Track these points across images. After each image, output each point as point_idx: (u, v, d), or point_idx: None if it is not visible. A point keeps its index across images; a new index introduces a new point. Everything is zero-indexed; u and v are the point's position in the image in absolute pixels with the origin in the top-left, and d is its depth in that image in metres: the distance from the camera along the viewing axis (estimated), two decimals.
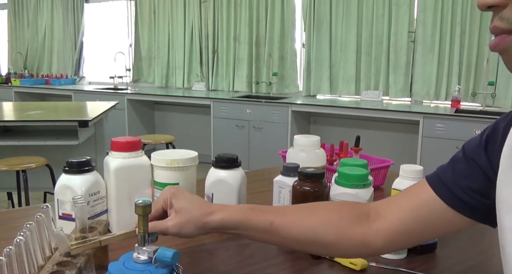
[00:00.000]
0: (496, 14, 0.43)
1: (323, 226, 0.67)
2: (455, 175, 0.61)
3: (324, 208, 0.72)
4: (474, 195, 0.59)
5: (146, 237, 0.61)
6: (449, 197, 0.61)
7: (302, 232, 0.67)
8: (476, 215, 0.60)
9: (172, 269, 0.61)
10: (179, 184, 0.89)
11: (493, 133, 0.58)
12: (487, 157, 0.58)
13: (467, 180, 0.60)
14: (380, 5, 3.95)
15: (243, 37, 4.70)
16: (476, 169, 0.59)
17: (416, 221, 0.63)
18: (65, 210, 0.83)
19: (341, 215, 0.69)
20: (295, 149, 1.08)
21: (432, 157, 3.33)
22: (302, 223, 0.67)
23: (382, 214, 0.67)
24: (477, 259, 0.83)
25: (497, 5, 0.42)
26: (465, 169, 0.60)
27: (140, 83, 5.61)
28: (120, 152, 0.87)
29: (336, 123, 4.30)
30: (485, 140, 0.59)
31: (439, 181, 0.63)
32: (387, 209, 0.67)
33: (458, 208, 0.61)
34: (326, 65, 4.31)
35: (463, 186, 0.60)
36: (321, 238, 0.66)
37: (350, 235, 0.66)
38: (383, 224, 0.66)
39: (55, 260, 0.60)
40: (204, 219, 0.67)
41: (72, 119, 2.80)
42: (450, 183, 0.61)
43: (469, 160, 0.60)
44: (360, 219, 0.67)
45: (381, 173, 1.26)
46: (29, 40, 6.34)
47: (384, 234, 0.65)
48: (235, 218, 0.67)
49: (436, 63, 3.77)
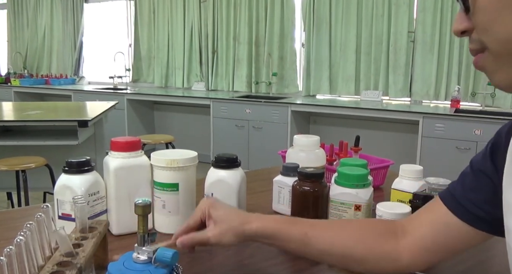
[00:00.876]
0: (470, 38, 0.49)
1: (353, 242, 0.69)
2: (465, 189, 0.63)
3: (354, 224, 0.75)
4: (484, 207, 0.61)
5: (146, 237, 0.61)
6: (460, 211, 0.63)
7: (335, 245, 0.69)
8: (489, 228, 0.62)
9: (172, 269, 0.61)
10: (178, 184, 0.89)
11: (496, 141, 0.60)
12: (493, 164, 0.60)
13: (477, 192, 0.62)
14: (379, 5, 3.95)
15: (242, 37, 4.70)
16: (484, 179, 0.61)
17: (436, 236, 0.65)
18: (65, 210, 0.83)
19: (371, 232, 0.71)
20: (294, 149, 1.08)
21: (432, 157, 3.33)
22: (334, 236, 0.70)
23: (408, 230, 0.69)
24: (477, 259, 0.83)
25: (467, 30, 0.48)
26: (474, 182, 0.62)
27: (140, 83, 5.60)
28: (119, 152, 0.87)
29: (336, 123, 4.30)
30: (490, 149, 0.61)
31: (450, 196, 0.65)
32: (411, 225, 0.69)
33: (471, 222, 0.62)
34: (326, 65, 4.31)
35: (473, 199, 0.62)
36: (351, 253, 0.69)
37: (378, 251, 0.68)
38: (408, 240, 0.68)
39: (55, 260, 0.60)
40: (242, 227, 0.69)
41: (71, 119, 2.80)
42: (460, 197, 0.63)
43: (477, 172, 0.62)
44: (389, 236, 0.69)
45: (380, 173, 1.26)
46: (28, 40, 6.34)
47: (410, 250, 0.67)
48: (270, 227, 0.69)
49: (436, 63, 3.78)
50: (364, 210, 0.86)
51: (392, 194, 0.96)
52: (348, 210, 0.86)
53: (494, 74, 0.47)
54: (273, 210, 1.07)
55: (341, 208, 0.87)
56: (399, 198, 0.94)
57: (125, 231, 0.89)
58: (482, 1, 0.45)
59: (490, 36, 0.45)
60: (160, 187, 0.89)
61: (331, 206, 0.88)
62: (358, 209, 0.85)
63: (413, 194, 0.88)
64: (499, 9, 0.44)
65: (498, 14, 0.44)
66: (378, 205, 0.84)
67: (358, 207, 0.85)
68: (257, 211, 1.04)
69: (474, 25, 0.47)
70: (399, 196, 0.94)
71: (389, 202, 0.90)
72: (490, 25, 0.45)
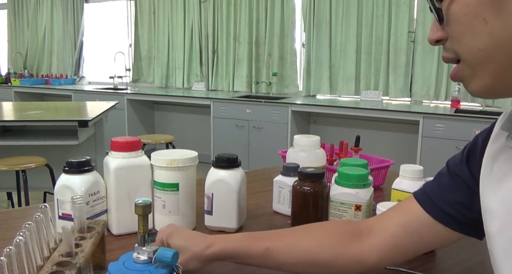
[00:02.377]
0: (444, 46, 0.51)
1: (318, 247, 0.69)
2: (440, 189, 0.64)
3: (319, 229, 0.74)
4: (459, 208, 0.61)
5: (146, 237, 0.61)
6: (435, 210, 0.63)
7: (298, 255, 0.69)
8: (462, 228, 0.62)
9: (172, 269, 0.61)
10: (178, 184, 0.89)
11: (473, 148, 0.61)
12: (469, 171, 0.60)
13: (452, 193, 0.62)
14: (380, 5, 3.95)
15: (242, 37, 4.70)
16: (460, 182, 0.62)
17: (407, 235, 0.65)
18: (65, 210, 0.83)
19: (335, 235, 0.71)
20: (295, 148, 1.08)
21: (432, 157, 3.33)
22: (298, 246, 0.69)
23: (374, 230, 0.69)
24: (477, 259, 0.83)
25: (441, 39, 0.50)
26: (450, 183, 0.63)
27: (140, 83, 5.61)
28: (120, 152, 0.87)
29: (336, 123, 4.30)
30: (466, 154, 0.62)
31: (425, 196, 0.65)
32: (379, 225, 0.69)
33: (445, 221, 0.63)
34: (326, 65, 4.31)
35: (448, 199, 0.62)
36: (317, 259, 0.68)
37: (345, 254, 0.68)
38: (376, 240, 0.68)
39: (55, 260, 0.59)
40: (204, 252, 0.69)
41: (72, 119, 2.80)
42: (435, 197, 0.64)
43: (453, 174, 0.63)
44: (354, 237, 0.69)
45: (381, 173, 1.26)
46: (29, 40, 6.34)
47: (377, 250, 0.67)
48: (232, 248, 0.69)
49: (436, 63, 3.77)
50: (364, 210, 0.86)
51: (392, 194, 0.96)
52: (348, 210, 0.86)
53: (469, 83, 0.49)
54: (273, 210, 1.07)
55: (341, 208, 0.87)
56: (400, 198, 0.94)
57: (125, 231, 0.89)
58: (454, 12, 0.46)
59: (463, 46, 0.47)
60: (160, 187, 0.89)
61: (331, 206, 0.88)
62: (358, 209, 0.85)
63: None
64: (471, 20, 0.45)
65: (469, 24, 0.45)
66: (378, 205, 0.84)
67: (358, 207, 0.85)
68: (257, 211, 1.05)
69: (448, 35, 0.49)
70: (399, 196, 0.94)
71: (389, 202, 0.89)
72: (463, 35, 0.46)
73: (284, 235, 0.73)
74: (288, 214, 0.97)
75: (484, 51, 0.45)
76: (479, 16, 0.44)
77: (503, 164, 0.52)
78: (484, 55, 0.45)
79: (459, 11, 0.46)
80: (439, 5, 0.48)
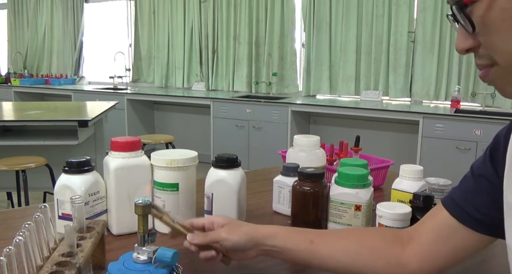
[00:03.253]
0: (476, 54, 0.50)
1: (360, 248, 0.70)
2: (466, 193, 0.64)
3: (360, 232, 0.75)
4: (486, 210, 0.61)
5: (146, 237, 0.61)
6: (462, 216, 0.63)
7: (341, 252, 0.69)
8: (491, 231, 0.62)
9: (172, 269, 0.61)
10: (179, 184, 0.89)
11: (495, 146, 0.61)
12: (493, 167, 0.60)
13: (477, 196, 0.62)
14: (380, 5, 3.95)
15: (242, 37, 4.70)
16: (485, 183, 0.61)
17: (440, 241, 0.66)
18: (65, 210, 0.83)
19: (377, 239, 0.72)
20: (295, 149, 1.08)
21: (432, 157, 3.32)
22: (341, 243, 0.70)
23: (413, 237, 0.69)
24: (477, 259, 0.83)
25: (472, 47, 0.49)
26: (474, 185, 0.63)
27: (140, 83, 5.60)
28: (120, 152, 0.87)
29: (336, 123, 4.30)
30: (489, 152, 0.62)
31: (451, 201, 0.65)
32: (416, 231, 0.70)
33: (472, 226, 0.63)
34: (326, 65, 4.31)
35: (473, 203, 0.62)
36: (357, 259, 0.69)
37: (385, 258, 0.68)
38: (414, 246, 0.68)
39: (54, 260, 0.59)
40: (254, 228, 0.71)
41: (71, 119, 2.80)
42: (461, 201, 0.64)
43: (477, 176, 0.63)
44: (395, 243, 0.70)
45: (381, 173, 1.26)
46: (28, 40, 6.33)
47: (416, 256, 0.67)
48: (280, 233, 0.71)
49: (436, 63, 3.77)
50: (364, 210, 0.86)
51: (392, 194, 0.96)
52: (348, 210, 0.86)
53: (505, 87, 0.49)
54: (273, 210, 1.07)
55: (341, 208, 0.87)
56: (399, 198, 0.94)
57: (125, 231, 0.89)
58: (491, 19, 0.46)
59: (502, 52, 0.46)
60: (160, 187, 0.89)
61: (331, 206, 0.88)
62: (358, 209, 0.85)
63: (413, 194, 0.88)
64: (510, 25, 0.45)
65: (508, 29, 0.45)
66: (378, 205, 0.84)
67: (358, 207, 0.85)
68: (257, 211, 1.05)
69: (482, 42, 0.48)
70: (399, 196, 0.94)
71: (389, 202, 0.89)
72: (501, 42, 0.46)
73: (327, 233, 0.75)
74: (288, 214, 0.97)
75: None
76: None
77: None
78: None
79: (495, 17, 0.45)
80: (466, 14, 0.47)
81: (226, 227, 0.71)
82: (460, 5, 0.47)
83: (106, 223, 0.77)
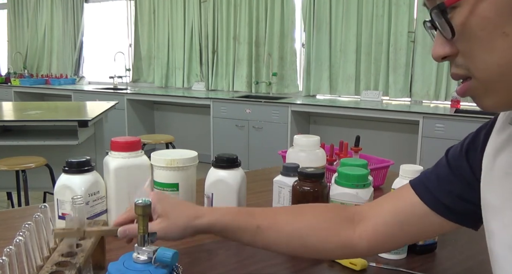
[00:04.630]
0: (452, 62, 0.48)
1: (309, 230, 0.68)
2: (439, 180, 0.63)
3: (310, 211, 0.73)
4: (456, 199, 0.61)
5: (146, 237, 0.61)
6: (432, 201, 0.63)
7: (287, 236, 0.68)
8: (459, 219, 0.62)
9: (172, 269, 0.61)
10: (179, 184, 0.89)
11: (473, 142, 0.60)
12: (468, 165, 0.60)
13: (450, 185, 0.62)
14: (380, 5, 3.95)
15: (242, 37, 4.70)
16: (458, 175, 0.61)
17: (400, 223, 0.65)
18: (65, 209, 0.83)
19: (326, 219, 0.70)
20: (295, 149, 1.08)
21: (432, 157, 3.32)
22: (288, 226, 0.69)
23: (365, 217, 0.68)
24: (477, 259, 0.83)
25: (449, 55, 0.47)
26: (448, 174, 0.62)
27: (140, 83, 5.60)
28: (119, 152, 0.87)
29: (336, 123, 4.30)
30: (465, 148, 0.61)
31: (422, 186, 0.64)
32: (371, 212, 0.69)
33: (441, 212, 0.62)
34: (326, 65, 4.31)
35: (446, 190, 0.62)
36: (306, 242, 0.68)
37: (334, 238, 0.68)
38: (367, 226, 0.67)
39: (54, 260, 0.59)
40: (191, 222, 0.67)
41: (71, 119, 2.80)
42: (433, 187, 0.63)
43: (452, 166, 0.62)
44: (345, 222, 0.69)
45: (381, 173, 1.26)
46: (28, 40, 6.33)
47: (368, 237, 0.67)
48: (223, 221, 0.68)
49: (436, 63, 3.77)
50: None
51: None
52: None
53: (482, 100, 0.48)
54: None
55: None
56: None
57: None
58: (470, 26, 0.44)
59: (479, 62, 0.45)
60: (160, 187, 0.89)
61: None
62: None
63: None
64: (490, 34, 0.42)
65: (488, 39, 0.43)
66: None
67: None
68: None
69: (461, 50, 0.46)
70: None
71: None
72: (479, 51, 0.44)
73: (276, 214, 0.72)
74: None
75: (504, 67, 0.43)
76: (498, 30, 0.42)
77: (507, 158, 0.51)
78: (503, 71, 0.43)
79: (475, 25, 0.43)
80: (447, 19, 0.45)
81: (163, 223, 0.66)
82: (441, 9, 0.46)
83: (106, 223, 0.77)
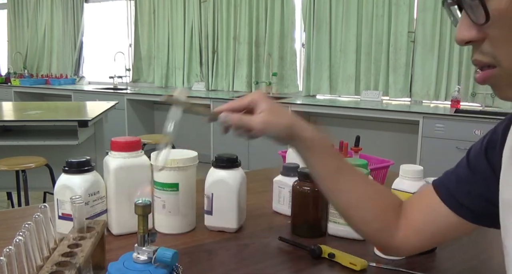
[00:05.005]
0: (476, 48, 0.46)
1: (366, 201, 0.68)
2: (458, 181, 0.63)
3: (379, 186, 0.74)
4: (476, 200, 0.60)
5: (146, 237, 0.61)
6: (451, 202, 0.63)
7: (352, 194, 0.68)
8: (479, 220, 0.62)
9: (172, 269, 0.61)
10: (178, 184, 0.89)
11: (492, 138, 0.59)
12: (488, 162, 0.59)
13: (470, 185, 0.61)
14: (380, 5, 3.95)
15: (242, 37, 4.70)
16: (478, 175, 0.60)
17: (426, 221, 0.65)
18: (65, 209, 0.83)
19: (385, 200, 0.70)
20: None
21: (432, 157, 3.32)
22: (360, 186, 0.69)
23: (403, 212, 0.69)
24: (477, 259, 0.83)
25: (475, 40, 0.44)
26: (468, 175, 0.62)
27: (140, 83, 5.60)
28: (120, 152, 0.87)
29: (336, 123, 4.29)
30: (485, 145, 0.60)
31: (443, 186, 0.65)
32: (405, 208, 0.69)
33: (461, 213, 0.62)
34: (326, 65, 4.31)
35: (465, 191, 0.61)
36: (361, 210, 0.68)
37: (383, 220, 0.68)
38: (403, 221, 0.68)
39: (54, 260, 0.59)
40: (295, 126, 0.65)
41: (71, 119, 2.80)
42: (453, 188, 0.63)
43: (472, 166, 0.62)
44: (395, 211, 0.69)
45: (381, 173, 1.26)
46: (28, 40, 6.33)
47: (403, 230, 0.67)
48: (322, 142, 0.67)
49: (436, 63, 3.77)
50: None
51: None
52: None
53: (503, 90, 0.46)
54: (273, 210, 1.07)
55: None
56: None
57: (125, 231, 0.89)
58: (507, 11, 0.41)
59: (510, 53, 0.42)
60: (160, 187, 0.89)
61: (331, 206, 0.88)
62: None
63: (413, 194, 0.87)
64: None
65: None
66: None
67: None
68: (257, 211, 1.05)
69: (490, 37, 0.43)
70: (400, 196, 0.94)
71: None
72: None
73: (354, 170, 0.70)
74: (288, 214, 0.97)
75: None
76: None
77: None
78: None
79: None
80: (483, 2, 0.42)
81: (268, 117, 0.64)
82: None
83: (106, 223, 0.77)
